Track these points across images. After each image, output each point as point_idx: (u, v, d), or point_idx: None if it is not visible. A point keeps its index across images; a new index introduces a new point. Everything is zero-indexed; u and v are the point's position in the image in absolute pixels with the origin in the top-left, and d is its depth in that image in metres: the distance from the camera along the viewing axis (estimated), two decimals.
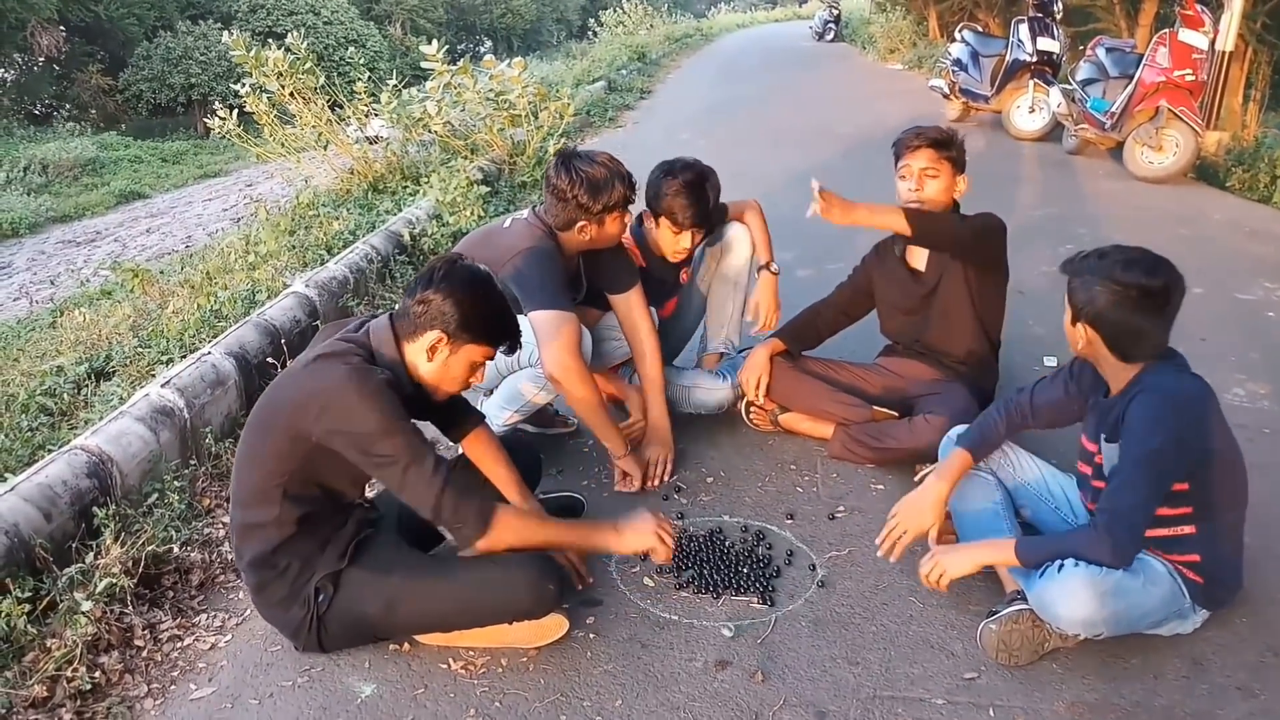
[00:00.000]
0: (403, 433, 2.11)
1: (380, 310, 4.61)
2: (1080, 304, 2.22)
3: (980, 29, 11.99)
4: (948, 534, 2.70)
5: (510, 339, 2.31)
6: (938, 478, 2.52)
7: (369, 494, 2.55)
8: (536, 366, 2.91)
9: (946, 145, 3.10)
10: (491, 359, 2.32)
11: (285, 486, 2.16)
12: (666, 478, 3.16)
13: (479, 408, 3.17)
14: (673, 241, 3.24)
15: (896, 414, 3.26)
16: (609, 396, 3.38)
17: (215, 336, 3.72)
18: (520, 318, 2.57)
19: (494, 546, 2.22)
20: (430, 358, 2.21)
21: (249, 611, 2.56)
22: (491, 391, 3.18)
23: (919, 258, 3.29)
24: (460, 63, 7.52)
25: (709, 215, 3.25)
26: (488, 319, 2.25)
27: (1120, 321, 2.18)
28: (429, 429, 2.41)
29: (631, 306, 3.18)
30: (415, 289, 2.20)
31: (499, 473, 2.45)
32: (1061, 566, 2.16)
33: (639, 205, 3.21)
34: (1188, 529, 2.23)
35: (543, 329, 2.79)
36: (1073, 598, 2.12)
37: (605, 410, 3.02)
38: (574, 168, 2.88)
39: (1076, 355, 2.39)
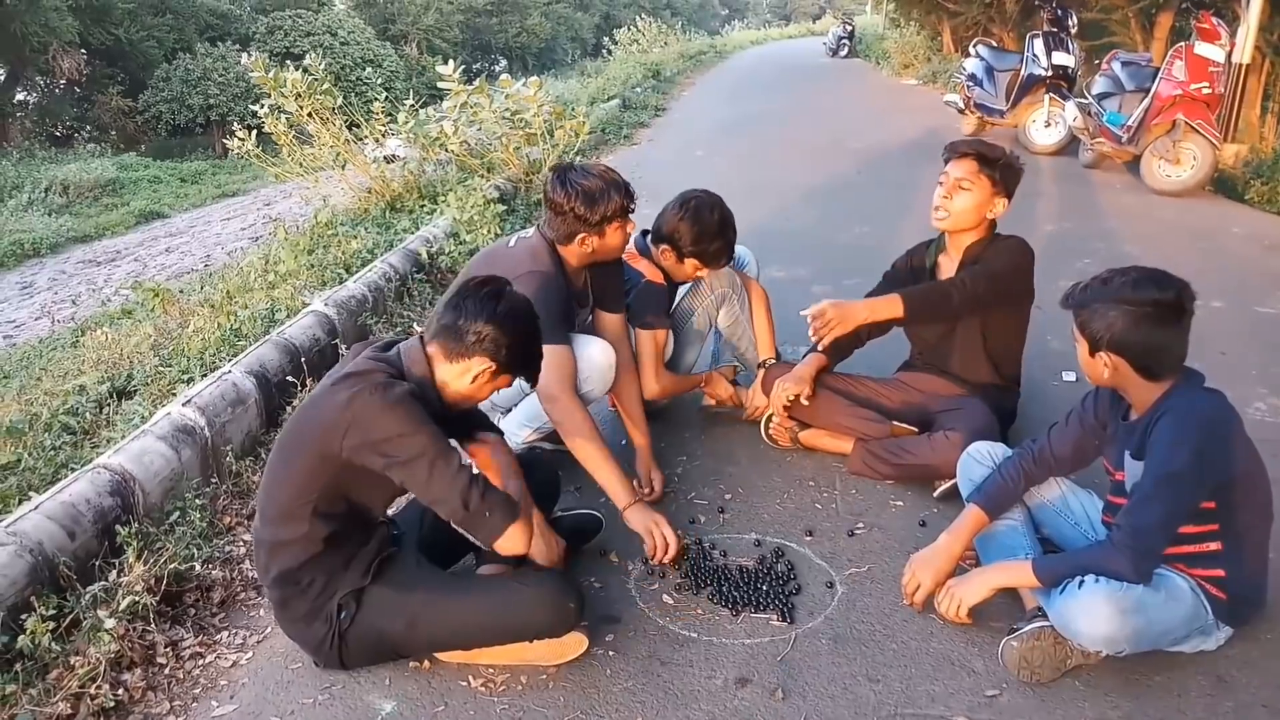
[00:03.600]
0: (427, 433, 2.12)
1: (399, 328, 4.66)
2: (1098, 334, 2.20)
3: (995, 44, 12.00)
4: (969, 554, 2.69)
5: (536, 373, 2.38)
6: (951, 536, 2.53)
7: (390, 511, 2.55)
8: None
9: (990, 162, 3.05)
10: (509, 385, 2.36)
11: (315, 505, 2.17)
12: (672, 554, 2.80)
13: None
14: (689, 272, 3.41)
15: (916, 430, 3.25)
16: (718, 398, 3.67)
17: (235, 355, 3.75)
18: None
19: (521, 541, 2.20)
20: (472, 380, 2.23)
21: (270, 629, 2.57)
22: (510, 409, 3.19)
23: (945, 273, 3.26)
24: (476, 82, 7.57)
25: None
26: (531, 356, 2.31)
27: (1143, 341, 2.17)
28: None
29: (616, 329, 3.20)
30: (471, 316, 2.19)
31: (511, 485, 2.45)
32: (1082, 583, 2.16)
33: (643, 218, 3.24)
34: (1214, 545, 2.22)
35: None
36: (1094, 614, 2.12)
37: (603, 450, 2.79)
38: (569, 180, 2.88)
39: (1100, 385, 2.37)
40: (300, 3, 25.03)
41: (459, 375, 2.23)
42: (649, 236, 3.43)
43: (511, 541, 2.19)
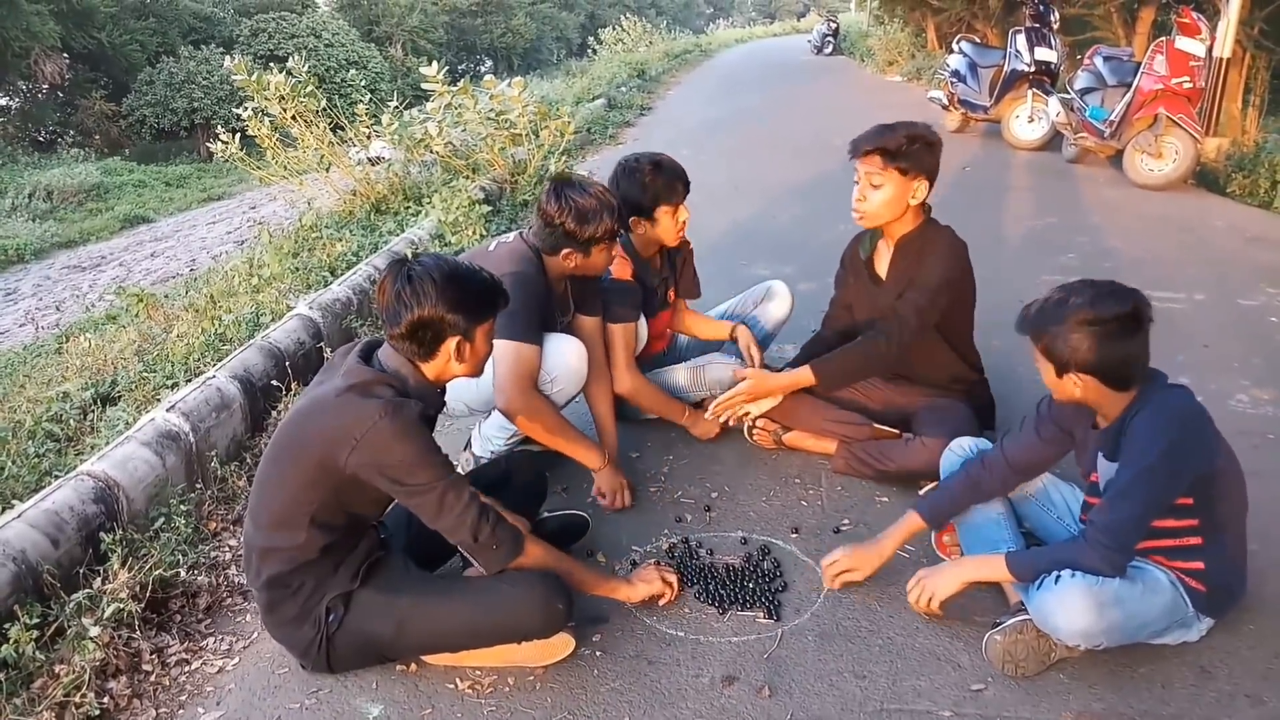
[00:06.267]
0: (437, 463, 2.13)
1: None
2: (1065, 356, 2.17)
3: (978, 40, 12.08)
4: (953, 547, 2.71)
5: (504, 298, 2.31)
6: (886, 539, 2.59)
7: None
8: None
9: (895, 154, 2.93)
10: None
11: (314, 515, 2.15)
12: (627, 503, 3.10)
13: (476, 432, 3.20)
14: (673, 226, 3.32)
15: (897, 431, 3.25)
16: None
17: (220, 360, 3.73)
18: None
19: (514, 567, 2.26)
20: (460, 359, 2.22)
21: (256, 634, 2.56)
22: (488, 413, 3.18)
23: (882, 262, 3.21)
24: (461, 83, 7.56)
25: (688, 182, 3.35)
26: (479, 298, 2.23)
27: (1111, 356, 2.15)
28: None
29: (593, 331, 3.21)
30: (399, 315, 2.15)
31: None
32: (1059, 577, 2.17)
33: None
34: (1194, 539, 2.23)
35: (498, 359, 2.79)
36: (1070, 608, 2.12)
37: (566, 429, 3.00)
38: (565, 195, 2.88)
39: (1067, 402, 2.32)
40: (284, 5, 24.93)
41: (445, 363, 2.23)
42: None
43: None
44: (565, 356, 2.98)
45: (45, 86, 20.87)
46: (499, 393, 2.84)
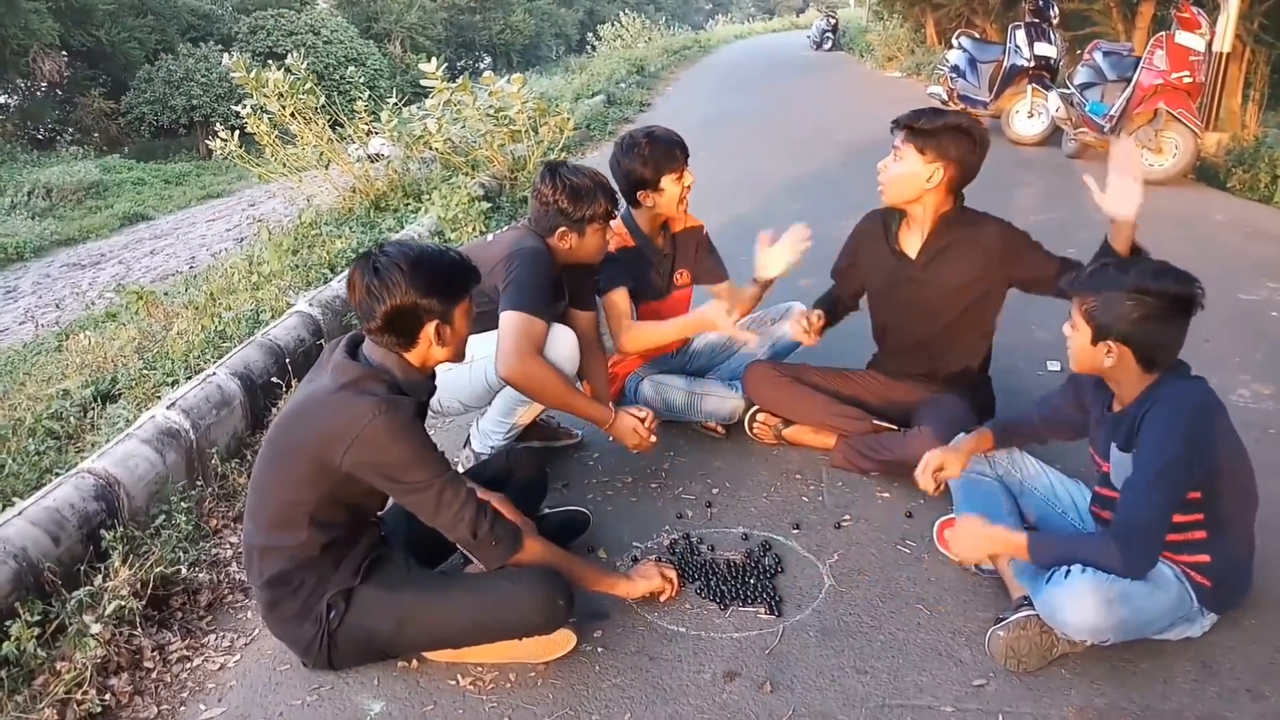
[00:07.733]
0: (433, 461, 2.13)
1: None
2: (1107, 322, 2.17)
3: (978, 35, 12.06)
4: (981, 563, 2.69)
5: (475, 275, 2.28)
6: (964, 443, 2.68)
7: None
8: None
9: (917, 131, 2.95)
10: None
11: (312, 513, 2.15)
12: (652, 440, 3.07)
13: (474, 429, 3.19)
14: (677, 191, 3.31)
15: (895, 427, 3.23)
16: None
17: (220, 357, 3.74)
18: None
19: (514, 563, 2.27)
20: (441, 342, 2.21)
21: (257, 631, 2.56)
22: (484, 409, 3.17)
23: (912, 242, 3.18)
24: (460, 80, 7.56)
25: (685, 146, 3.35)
26: (450, 278, 2.20)
27: (1154, 333, 2.15)
28: None
29: (587, 324, 3.23)
30: (373, 309, 2.12)
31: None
32: (1069, 572, 2.16)
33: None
34: (1199, 534, 2.23)
35: (502, 329, 2.78)
36: (1079, 604, 2.12)
37: (571, 391, 2.92)
38: (559, 175, 2.93)
39: (1090, 374, 2.33)
40: (283, 2, 24.92)
41: (428, 349, 2.21)
42: (627, 205, 3.42)
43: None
44: (558, 344, 2.97)
45: (44, 84, 20.89)
46: (500, 359, 2.78)
